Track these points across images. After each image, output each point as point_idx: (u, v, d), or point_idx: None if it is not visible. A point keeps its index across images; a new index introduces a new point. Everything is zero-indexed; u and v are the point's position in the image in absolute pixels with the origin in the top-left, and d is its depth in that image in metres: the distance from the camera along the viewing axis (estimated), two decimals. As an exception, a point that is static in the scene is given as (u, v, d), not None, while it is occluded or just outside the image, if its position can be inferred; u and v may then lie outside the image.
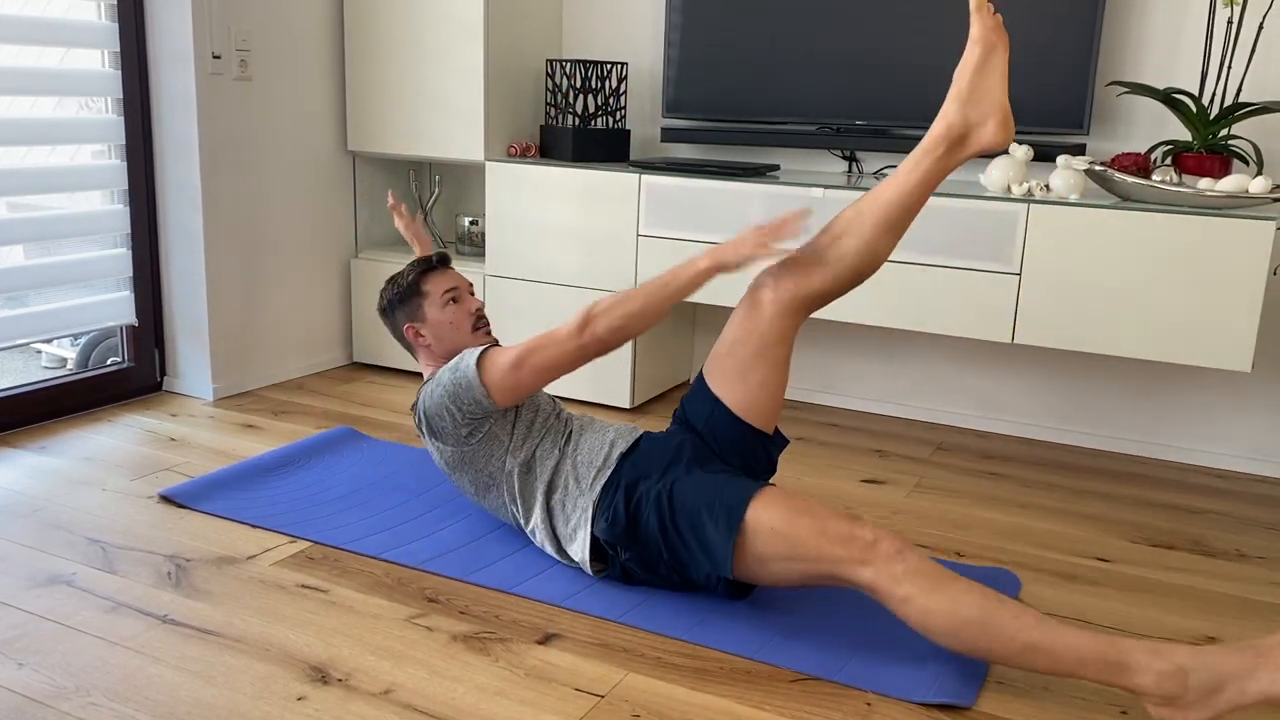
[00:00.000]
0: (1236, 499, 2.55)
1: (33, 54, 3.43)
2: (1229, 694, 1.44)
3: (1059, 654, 1.52)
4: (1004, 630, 1.54)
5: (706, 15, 3.01)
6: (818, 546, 1.65)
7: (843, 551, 1.63)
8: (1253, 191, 2.28)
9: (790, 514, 1.69)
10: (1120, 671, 1.49)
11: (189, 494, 2.28)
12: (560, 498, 1.96)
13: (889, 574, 1.60)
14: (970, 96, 1.81)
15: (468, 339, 2.11)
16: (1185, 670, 1.46)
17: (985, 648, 1.56)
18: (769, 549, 1.70)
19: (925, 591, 1.58)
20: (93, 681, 1.58)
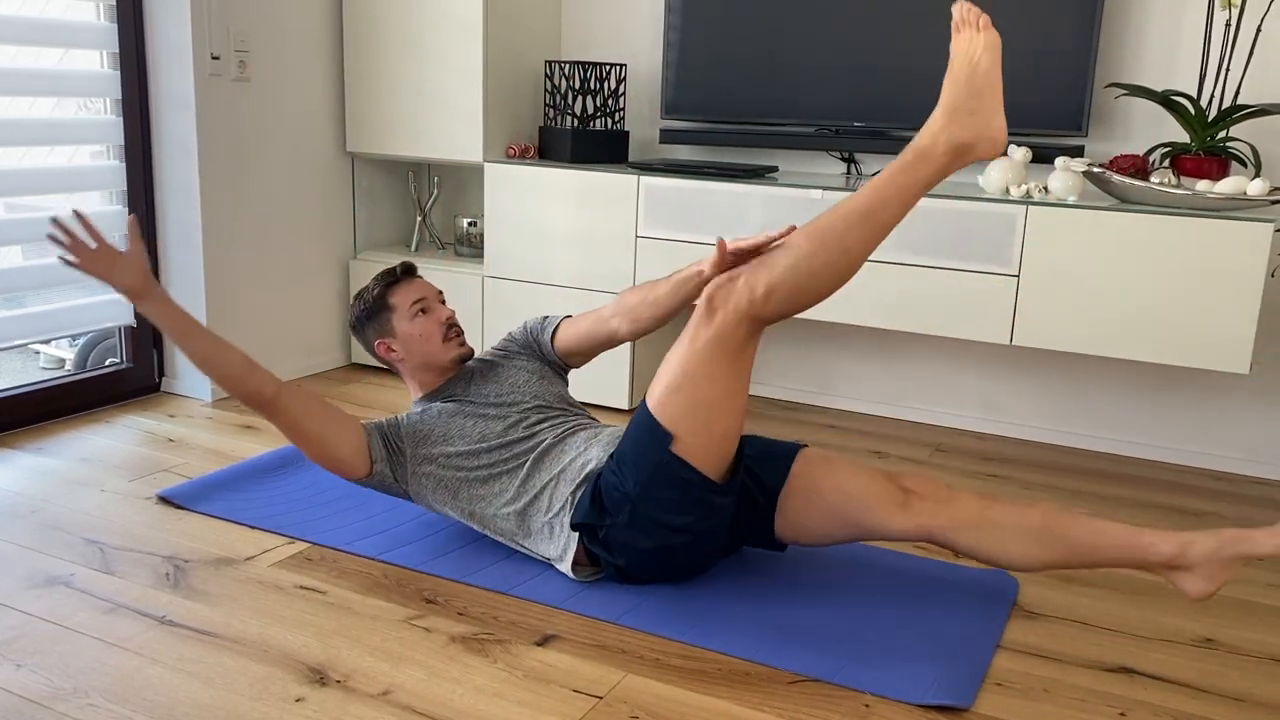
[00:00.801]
0: (1235, 501, 2.55)
1: (31, 54, 3.43)
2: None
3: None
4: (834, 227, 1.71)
5: (705, 17, 3.01)
6: (699, 348, 1.75)
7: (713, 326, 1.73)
8: (1251, 193, 2.28)
9: (665, 367, 1.79)
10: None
11: (187, 495, 2.28)
12: (546, 520, 1.93)
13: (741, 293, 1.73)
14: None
15: (439, 350, 2.06)
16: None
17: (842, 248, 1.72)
18: (684, 397, 1.76)
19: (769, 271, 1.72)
20: (91, 682, 1.58)
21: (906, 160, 1.73)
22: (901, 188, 1.73)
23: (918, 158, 1.73)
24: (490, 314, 3.17)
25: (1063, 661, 1.75)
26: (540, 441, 1.98)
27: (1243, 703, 1.65)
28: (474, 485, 1.97)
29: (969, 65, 1.73)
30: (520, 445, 1.98)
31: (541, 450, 1.96)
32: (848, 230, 1.70)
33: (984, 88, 1.72)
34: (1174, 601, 2.00)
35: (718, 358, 1.74)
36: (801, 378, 3.23)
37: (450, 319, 2.09)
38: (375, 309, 2.07)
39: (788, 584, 1.97)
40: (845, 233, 1.70)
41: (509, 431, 1.99)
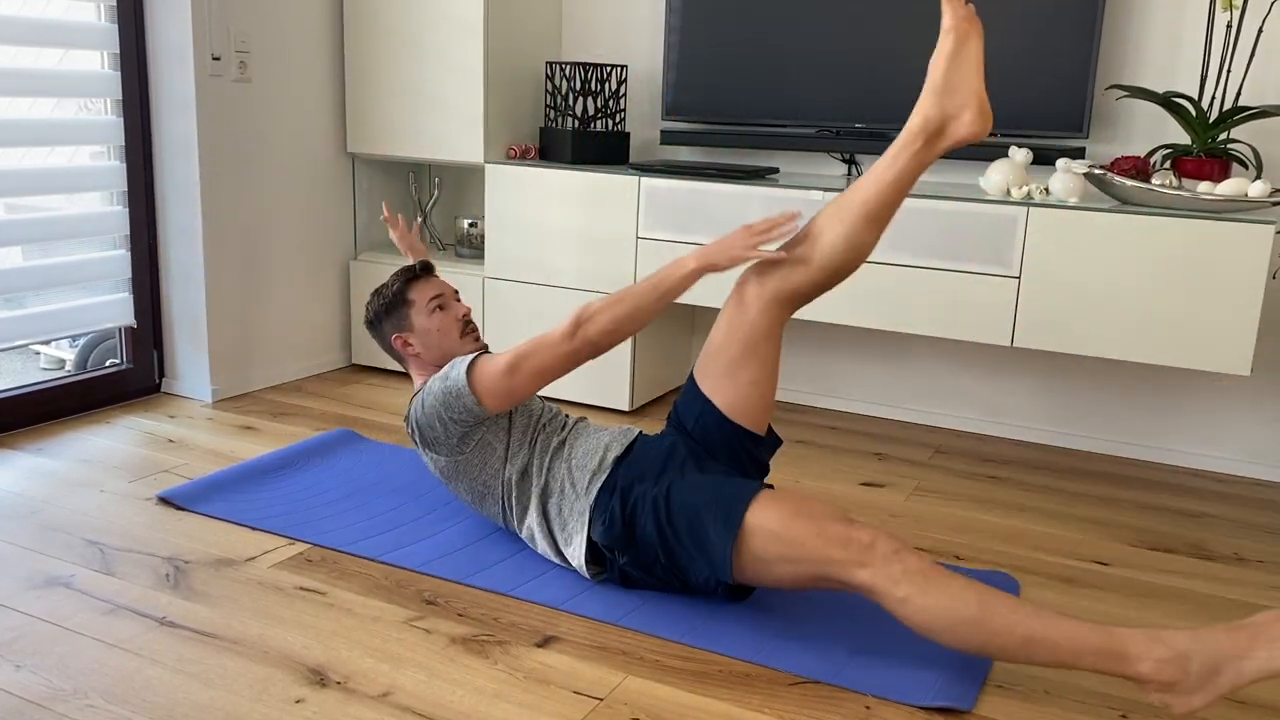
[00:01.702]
0: (1236, 503, 2.55)
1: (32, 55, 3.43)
2: (1227, 675, 1.45)
3: (1058, 645, 1.52)
4: (1002, 625, 1.54)
5: (706, 18, 3.01)
6: (815, 548, 1.65)
7: (840, 554, 1.63)
8: (1252, 195, 2.28)
9: (788, 516, 1.69)
10: (1119, 661, 1.50)
11: (187, 496, 2.28)
12: (556, 503, 1.95)
13: (886, 575, 1.60)
14: (945, 87, 1.78)
15: (456, 345, 2.11)
16: (1184, 656, 1.47)
17: (983, 644, 1.56)
18: (767, 551, 1.70)
19: (923, 591, 1.57)
20: (90, 683, 1.58)
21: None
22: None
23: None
24: (491, 315, 3.16)
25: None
26: (564, 426, 2.05)
27: (1244, 704, 1.65)
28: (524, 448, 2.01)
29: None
30: (550, 425, 2.05)
31: (566, 431, 2.03)
32: (1004, 637, 1.55)
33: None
34: (1175, 603, 1.99)
35: (814, 574, 1.67)
36: (802, 379, 3.23)
37: (466, 315, 2.15)
38: (394, 304, 2.12)
39: (788, 585, 1.97)
40: (1000, 635, 1.55)
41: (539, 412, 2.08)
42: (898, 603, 1.59)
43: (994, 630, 1.54)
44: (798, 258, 1.85)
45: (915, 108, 1.81)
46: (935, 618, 1.57)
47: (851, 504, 2.42)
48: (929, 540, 2.23)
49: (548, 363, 1.89)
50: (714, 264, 1.83)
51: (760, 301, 1.86)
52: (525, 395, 1.94)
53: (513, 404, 1.96)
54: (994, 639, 1.55)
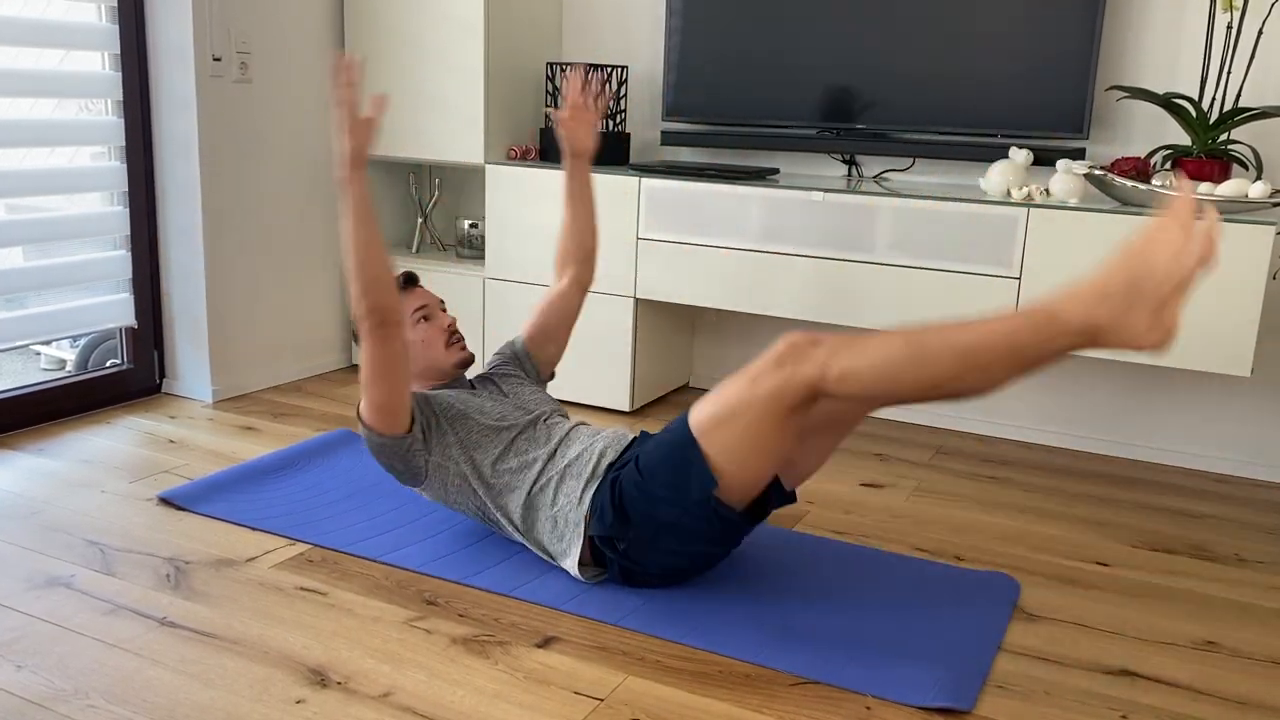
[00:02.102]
0: (1236, 504, 2.55)
1: (32, 56, 3.44)
2: (1148, 285, 1.44)
3: (994, 344, 1.53)
4: (936, 349, 1.57)
5: (706, 19, 3.01)
6: (756, 392, 1.71)
7: (778, 376, 1.69)
8: (1252, 196, 2.28)
9: (718, 394, 1.76)
10: (1051, 322, 1.51)
11: (188, 496, 2.28)
12: (549, 514, 1.94)
13: (817, 361, 1.66)
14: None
15: (441, 356, 2.10)
16: (1102, 290, 1.47)
17: (931, 377, 1.58)
18: (729, 434, 1.73)
19: (854, 356, 1.63)
20: (91, 684, 1.58)
21: (1033, 316, 1.53)
22: (1014, 340, 1.53)
23: (1047, 320, 1.53)
24: (491, 316, 3.17)
25: (1063, 664, 1.75)
26: (553, 435, 2.02)
27: (1244, 705, 1.65)
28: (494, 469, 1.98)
29: (1147, 259, 1.45)
30: (535, 435, 2.02)
31: (556, 444, 1.99)
32: (941, 359, 1.55)
33: (1150, 291, 1.46)
34: (1175, 604, 2.00)
35: (772, 410, 1.71)
36: (802, 380, 3.23)
37: (451, 326, 2.14)
38: None
39: (788, 586, 1.97)
40: (939, 360, 1.56)
41: (523, 417, 2.04)
42: (838, 381, 1.64)
43: (932, 358, 1.57)
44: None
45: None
46: (876, 374, 1.61)
47: (852, 504, 2.42)
48: (929, 541, 2.24)
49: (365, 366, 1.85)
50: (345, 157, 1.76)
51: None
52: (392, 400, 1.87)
53: (396, 414, 1.89)
54: (937, 366, 1.57)
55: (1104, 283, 1.48)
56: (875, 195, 2.61)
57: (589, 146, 2.25)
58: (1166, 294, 1.44)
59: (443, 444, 1.98)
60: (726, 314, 3.31)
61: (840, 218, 2.64)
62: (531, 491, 1.95)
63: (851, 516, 2.35)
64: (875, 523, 2.32)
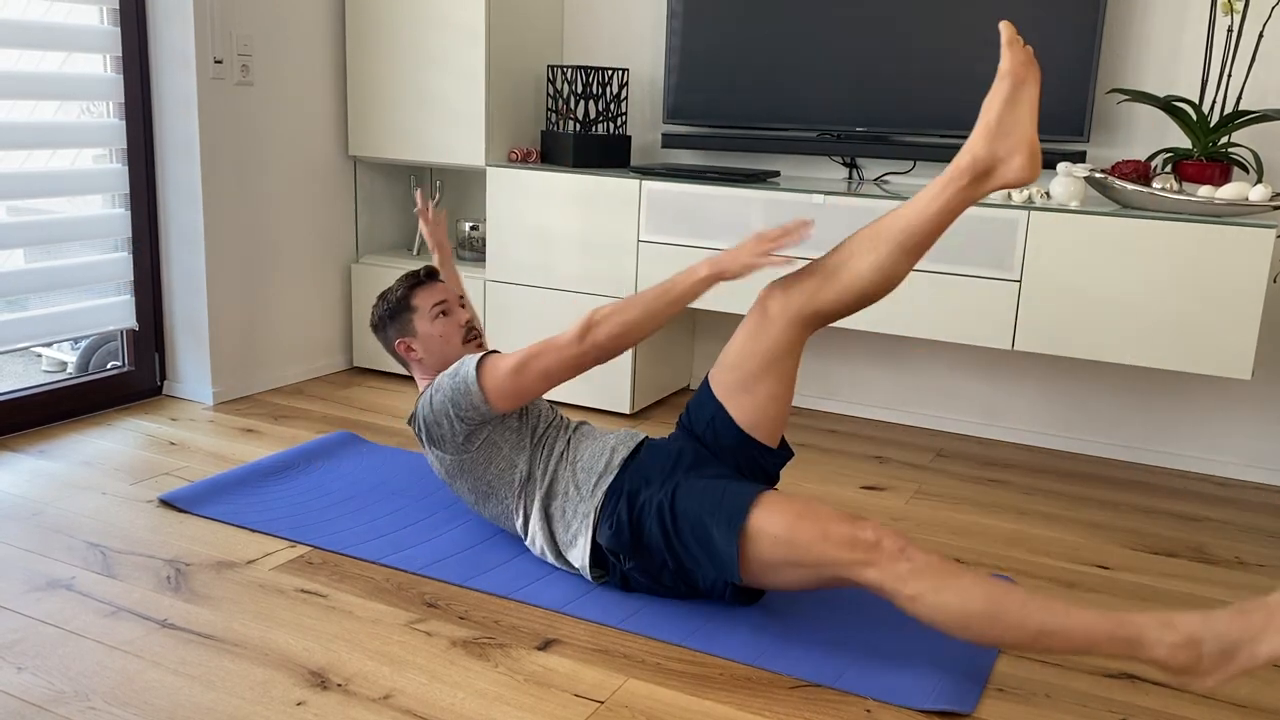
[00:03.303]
0: (1237, 507, 2.55)
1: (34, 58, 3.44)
2: (1241, 658, 1.47)
3: (1071, 636, 1.53)
4: (1013, 619, 1.55)
5: (707, 21, 3.01)
6: (821, 551, 1.65)
7: (846, 555, 1.63)
8: (1253, 199, 2.28)
9: (791, 519, 1.69)
10: (1133, 647, 1.51)
11: (189, 498, 2.28)
12: (560, 504, 1.96)
13: (894, 573, 1.60)
14: (999, 130, 1.75)
15: (458, 351, 2.12)
16: (1197, 640, 1.48)
17: (997, 637, 1.56)
18: (773, 555, 1.70)
19: (933, 589, 1.58)
20: (92, 686, 1.58)
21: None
22: (1090, 648, 1.54)
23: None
24: (492, 318, 3.17)
25: (1064, 667, 1.75)
26: (566, 429, 2.06)
27: (1245, 709, 1.65)
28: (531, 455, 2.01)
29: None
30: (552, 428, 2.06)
31: (568, 436, 2.03)
32: (1015, 632, 1.56)
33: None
34: (1175, 607, 1.99)
35: (819, 575, 1.69)
36: (804, 382, 3.23)
37: (469, 322, 2.16)
38: (398, 309, 2.13)
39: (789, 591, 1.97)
40: (1011, 631, 1.56)
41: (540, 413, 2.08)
42: (907, 600, 1.60)
43: (1006, 625, 1.55)
44: (826, 278, 1.84)
45: (965, 146, 1.78)
46: (946, 614, 1.58)
47: (852, 507, 2.42)
48: (929, 544, 2.24)
49: (555, 364, 1.89)
50: (725, 271, 1.83)
51: (784, 317, 1.86)
52: (532, 396, 1.95)
53: (519, 404, 1.96)
54: (1007, 633, 1.55)
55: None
56: (876, 198, 2.61)
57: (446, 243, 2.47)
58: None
59: (503, 426, 2.01)
60: (727, 316, 3.32)
61: (841, 220, 2.64)
62: (543, 482, 1.98)
63: (853, 513, 2.35)
64: (876, 525, 2.32)
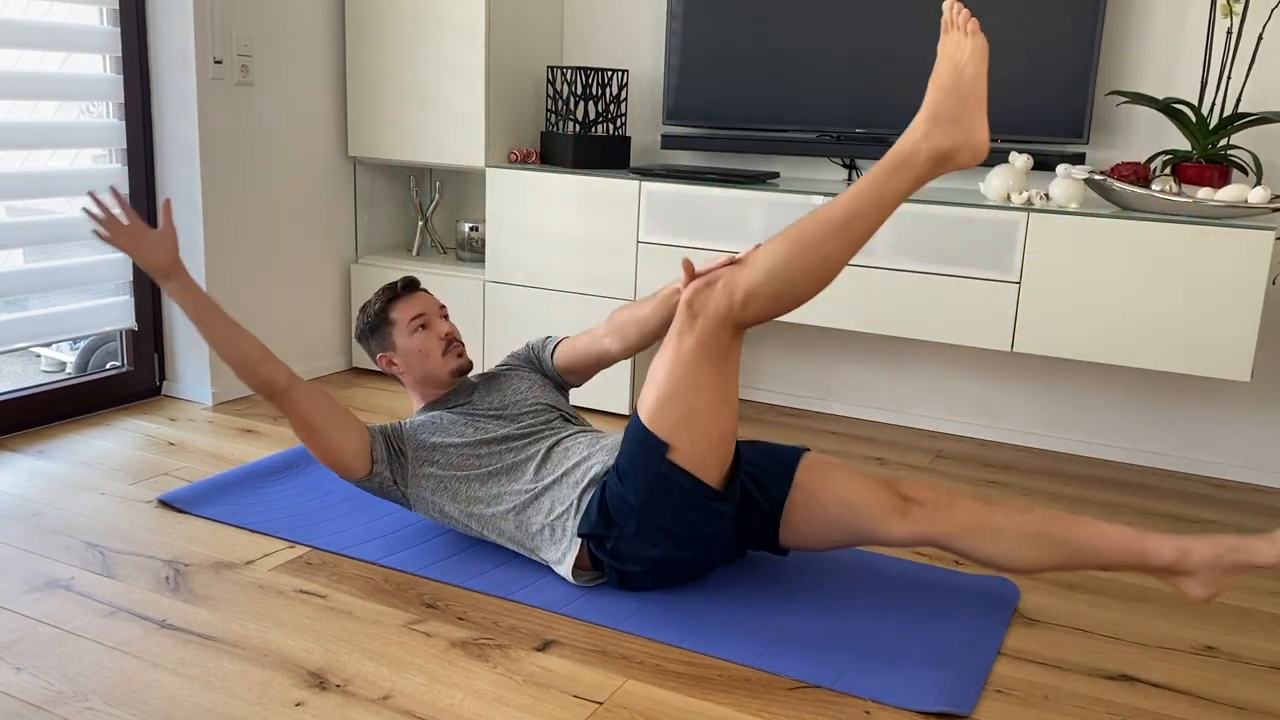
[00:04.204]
0: (1235, 508, 2.55)
1: (34, 58, 3.44)
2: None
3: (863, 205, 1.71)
4: (816, 235, 1.69)
5: (707, 23, 3.01)
6: (682, 354, 1.74)
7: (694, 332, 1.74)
8: (1252, 201, 2.29)
9: (651, 376, 1.80)
10: (907, 163, 1.70)
11: (188, 499, 2.28)
12: (547, 521, 1.94)
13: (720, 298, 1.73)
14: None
15: (438, 365, 2.08)
16: (932, 111, 1.69)
17: (821, 260, 1.71)
18: (674, 405, 1.76)
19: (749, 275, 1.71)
20: (90, 686, 1.58)
21: (886, 167, 1.72)
22: (880, 196, 1.71)
23: (897, 165, 1.72)
24: (491, 319, 3.17)
25: (1063, 669, 1.75)
26: (542, 444, 2.00)
27: (1244, 710, 1.65)
28: (473, 485, 1.98)
29: (954, 70, 1.69)
30: (522, 444, 2.00)
31: (544, 451, 1.98)
32: (825, 239, 1.70)
33: (968, 94, 1.69)
34: (1175, 609, 1.99)
35: (703, 364, 1.74)
36: (802, 384, 3.23)
37: (449, 334, 2.10)
38: (376, 323, 2.11)
39: (788, 590, 1.97)
40: (823, 241, 1.70)
41: (511, 433, 2.02)
42: (745, 304, 1.72)
43: (816, 241, 1.70)
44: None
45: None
46: (775, 278, 1.71)
47: (851, 509, 2.42)
48: (929, 545, 2.24)
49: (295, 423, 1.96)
50: None
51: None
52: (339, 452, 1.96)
53: (355, 465, 1.97)
54: (824, 246, 1.70)
55: (931, 110, 1.70)
56: (875, 199, 2.61)
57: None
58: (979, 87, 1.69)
59: (416, 477, 2.00)
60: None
61: (840, 222, 2.64)
62: (519, 500, 1.95)
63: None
64: (875, 527, 2.32)
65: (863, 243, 1.73)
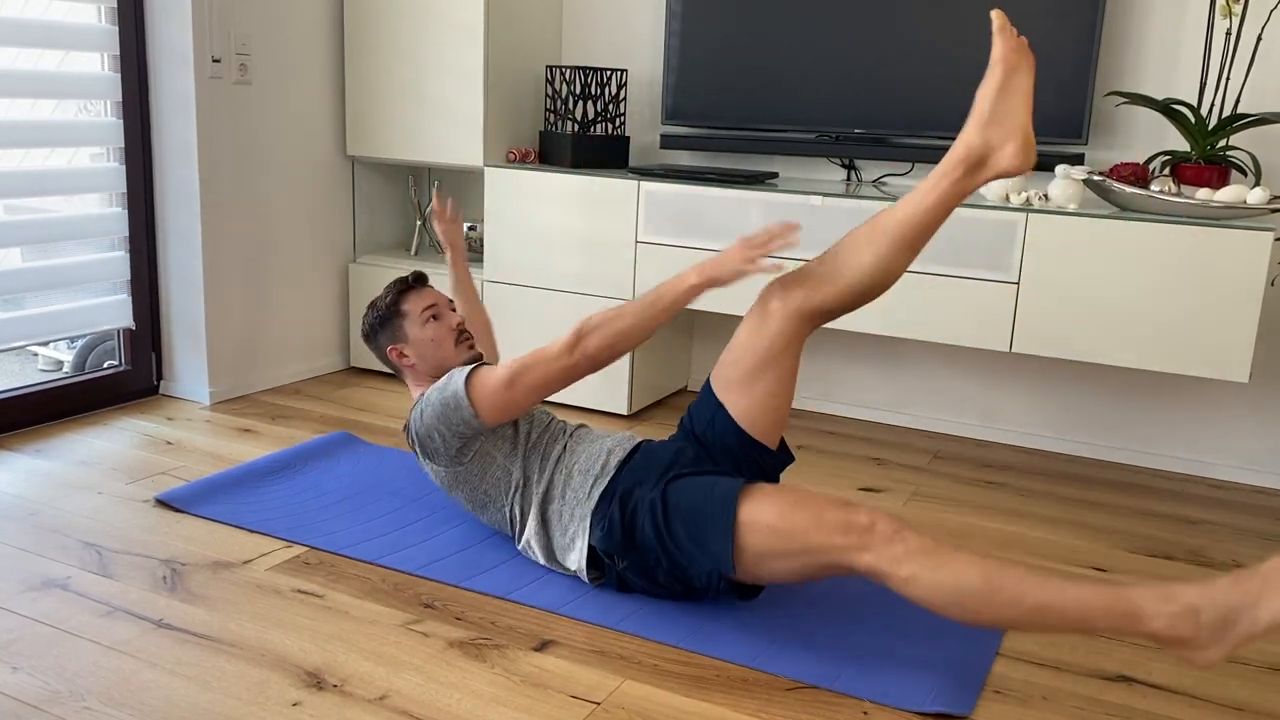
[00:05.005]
0: (1234, 509, 2.55)
1: (32, 56, 3.44)
2: (1242, 626, 1.44)
3: (1066, 612, 1.52)
4: (1009, 598, 1.54)
5: (706, 23, 3.01)
6: (814, 538, 1.65)
7: (840, 540, 1.63)
8: (1250, 202, 2.29)
9: (784, 507, 1.69)
10: (1132, 620, 1.49)
11: (185, 498, 2.27)
12: (557, 508, 1.95)
13: (889, 556, 1.60)
14: (991, 119, 1.76)
15: (450, 355, 2.11)
16: (1196, 610, 1.46)
17: (993, 616, 1.56)
18: (767, 544, 1.70)
19: (928, 569, 1.58)
20: (87, 686, 1.58)
21: (1119, 610, 1.53)
22: (1085, 622, 1.53)
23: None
24: (491, 318, 3.16)
25: (1062, 670, 1.75)
26: (562, 432, 2.06)
27: (1242, 711, 1.65)
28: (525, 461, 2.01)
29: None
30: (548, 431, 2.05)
31: (565, 438, 2.03)
32: (1011, 609, 1.55)
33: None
34: (1173, 610, 1.99)
35: (815, 562, 1.68)
36: (801, 384, 3.23)
37: (460, 325, 2.15)
38: (388, 315, 2.13)
39: (786, 590, 1.97)
40: (1008, 608, 1.55)
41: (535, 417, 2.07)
42: (903, 582, 1.59)
43: (1002, 603, 1.54)
44: (826, 275, 1.84)
45: (959, 137, 1.79)
46: (941, 594, 1.57)
47: (850, 509, 2.42)
48: (927, 545, 2.24)
49: (545, 376, 1.89)
50: (715, 278, 1.83)
51: (783, 314, 1.85)
52: (524, 408, 1.94)
53: (510, 416, 1.96)
54: (1003, 610, 1.55)
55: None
56: (874, 200, 2.61)
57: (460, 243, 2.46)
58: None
59: (497, 436, 2.00)
60: (725, 318, 3.31)
61: (839, 222, 2.64)
62: (546, 488, 1.97)
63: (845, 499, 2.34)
64: (873, 527, 2.32)
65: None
